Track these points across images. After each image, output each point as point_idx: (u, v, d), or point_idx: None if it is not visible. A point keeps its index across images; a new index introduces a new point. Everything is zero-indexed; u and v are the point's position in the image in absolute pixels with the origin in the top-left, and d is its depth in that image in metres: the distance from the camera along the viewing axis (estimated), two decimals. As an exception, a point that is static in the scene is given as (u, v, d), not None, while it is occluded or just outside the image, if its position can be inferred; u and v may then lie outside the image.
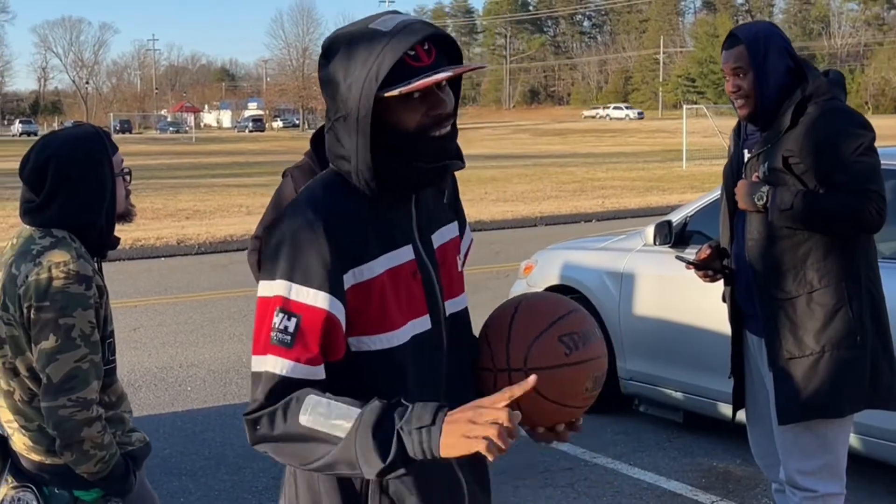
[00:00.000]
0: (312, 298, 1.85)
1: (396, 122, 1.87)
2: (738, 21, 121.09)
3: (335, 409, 1.80)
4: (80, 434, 2.70)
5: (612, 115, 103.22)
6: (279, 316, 1.86)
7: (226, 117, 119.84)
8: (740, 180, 3.68)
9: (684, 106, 42.63)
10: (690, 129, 36.80)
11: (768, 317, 3.65)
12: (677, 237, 5.96)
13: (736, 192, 3.67)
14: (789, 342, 3.60)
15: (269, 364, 1.86)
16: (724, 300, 3.97)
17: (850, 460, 3.78)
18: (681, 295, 5.87)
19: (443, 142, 1.90)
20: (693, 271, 3.92)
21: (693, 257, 3.94)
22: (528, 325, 1.93)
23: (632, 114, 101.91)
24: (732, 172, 3.87)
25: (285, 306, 1.86)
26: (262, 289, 1.91)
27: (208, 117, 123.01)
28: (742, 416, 4.05)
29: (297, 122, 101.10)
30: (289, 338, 1.84)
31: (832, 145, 3.51)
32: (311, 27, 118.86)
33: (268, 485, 5.47)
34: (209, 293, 11.51)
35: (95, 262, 2.87)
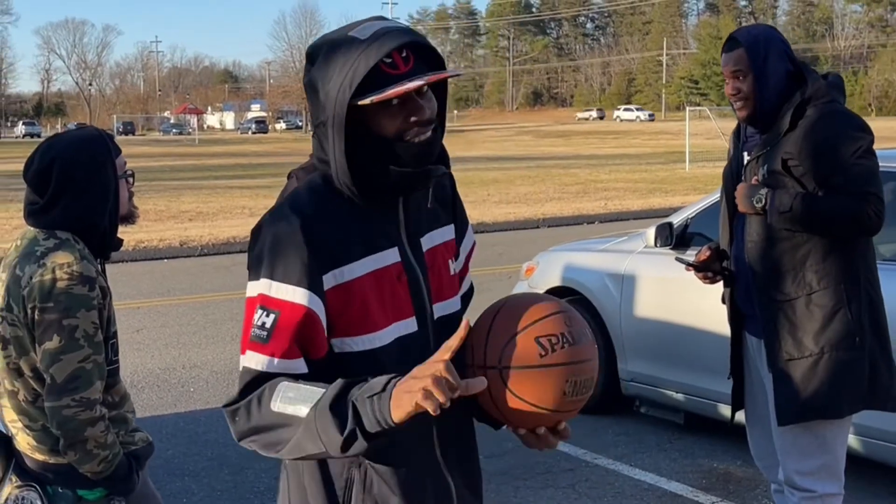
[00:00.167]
0: (291, 294, 1.88)
1: (377, 129, 1.89)
2: (741, 23, 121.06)
3: (303, 393, 1.83)
4: (84, 434, 2.72)
5: (623, 116, 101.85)
6: (258, 313, 1.90)
7: (229, 119, 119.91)
8: (740, 183, 3.70)
9: (687, 108, 42.62)
10: (693, 130, 36.80)
11: (768, 318, 3.67)
12: (678, 239, 5.98)
13: (735, 196, 3.69)
14: (788, 343, 3.62)
15: (246, 360, 1.90)
16: (723, 302, 3.99)
17: (850, 461, 3.80)
18: (682, 297, 5.88)
19: (423, 147, 1.91)
20: (693, 273, 3.95)
21: (693, 259, 3.96)
22: (507, 324, 1.92)
23: (642, 115, 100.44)
24: (732, 174, 3.89)
25: (264, 303, 1.90)
26: (248, 290, 1.95)
27: (211, 119, 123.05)
28: (741, 417, 4.07)
29: (301, 123, 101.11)
30: (265, 333, 1.88)
31: (831, 148, 3.53)
32: (314, 29, 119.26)
33: (270, 485, 5.49)
34: (212, 295, 11.54)
35: (99, 263, 2.90)
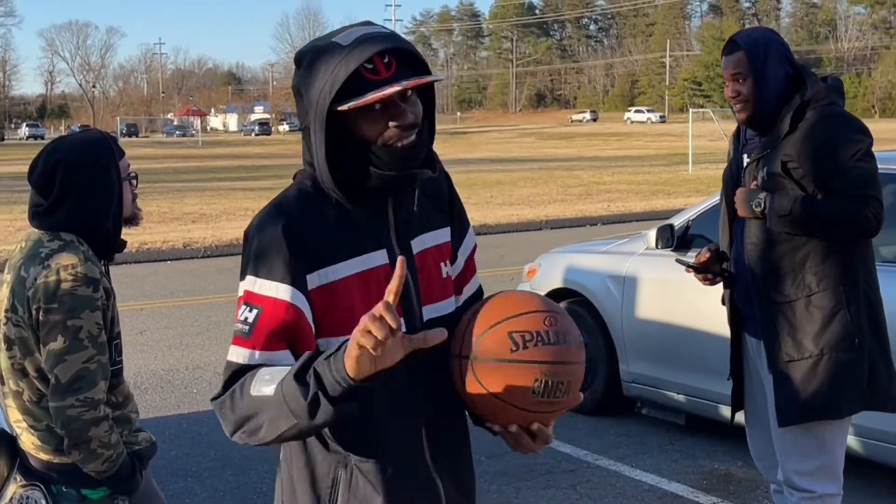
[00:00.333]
0: (274, 291, 1.92)
1: (360, 133, 1.93)
2: (744, 24, 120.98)
3: (276, 373, 1.86)
4: (88, 433, 2.75)
5: (633, 118, 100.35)
6: (242, 308, 1.94)
7: (232, 121, 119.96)
8: (738, 188, 3.71)
9: (690, 109, 42.57)
10: (696, 132, 36.81)
11: (767, 320, 3.69)
12: (679, 241, 6.00)
13: (735, 201, 3.71)
14: (788, 345, 3.64)
15: (230, 354, 1.95)
16: (723, 303, 4.01)
17: (849, 462, 3.81)
18: (683, 298, 5.90)
19: (406, 151, 1.94)
20: (693, 274, 3.97)
21: (693, 261, 3.98)
22: (486, 316, 1.94)
23: (654, 117, 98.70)
24: (732, 177, 3.91)
25: (248, 299, 1.94)
26: (239, 289, 1.99)
27: (214, 121, 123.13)
28: (741, 418, 4.09)
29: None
30: (247, 328, 1.92)
31: (830, 150, 3.55)
32: (317, 31, 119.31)
33: (272, 486, 5.48)
34: (215, 296, 11.56)
35: (102, 264, 2.93)
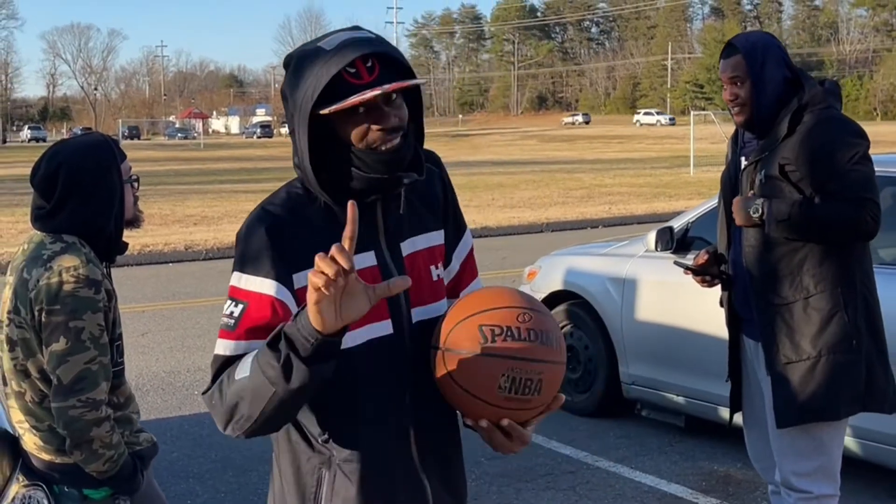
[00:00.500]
0: (259, 285, 1.94)
1: (344, 137, 1.95)
2: (746, 27, 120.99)
3: (255, 353, 1.88)
4: (90, 434, 2.77)
5: (643, 120, 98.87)
6: (228, 303, 1.97)
7: (234, 123, 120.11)
8: (735, 198, 3.73)
9: (692, 112, 42.58)
10: (698, 135, 36.83)
11: (765, 322, 3.71)
12: (679, 243, 6.01)
13: (732, 210, 3.72)
14: (786, 347, 3.66)
15: (216, 348, 1.97)
16: (721, 305, 4.03)
17: (850, 464, 3.83)
18: (682, 300, 5.92)
19: (390, 154, 1.96)
20: (691, 276, 3.99)
21: (691, 263, 4.00)
22: (462, 308, 1.95)
23: (663, 119, 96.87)
24: (730, 179, 3.93)
25: (234, 294, 1.96)
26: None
27: (216, 123, 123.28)
28: (739, 419, 4.11)
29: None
30: (232, 321, 1.94)
31: (828, 154, 3.57)
32: (319, 33, 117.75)
33: (273, 487, 5.53)
34: (217, 298, 11.57)
35: (104, 266, 2.95)
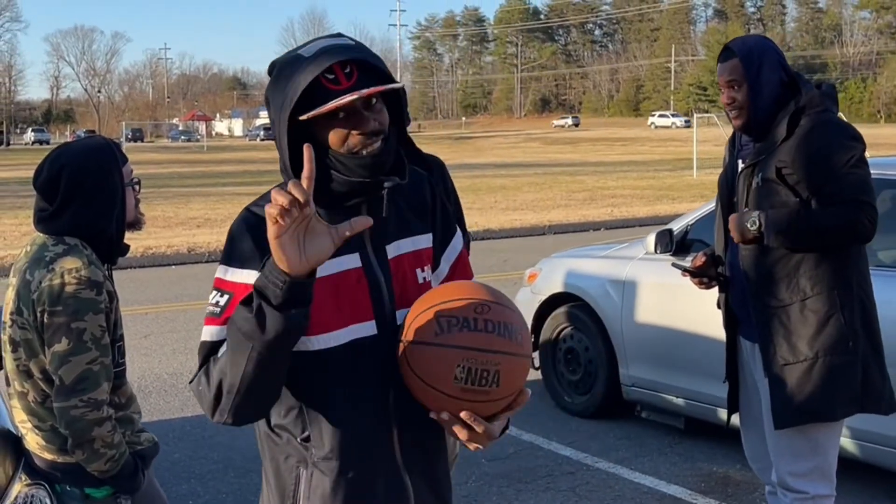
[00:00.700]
0: (244, 277, 1.98)
1: (326, 142, 1.99)
2: (749, 29, 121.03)
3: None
4: (91, 433, 2.81)
5: (658, 122, 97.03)
6: (214, 293, 2.01)
7: (237, 126, 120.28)
8: (731, 215, 3.75)
9: (695, 114, 42.56)
10: (701, 137, 36.82)
11: (763, 324, 3.74)
12: (678, 245, 6.03)
13: (730, 230, 3.74)
14: (783, 348, 3.69)
15: (202, 335, 2.00)
16: (718, 307, 4.06)
17: (848, 465, 3.84)
18: (682, 302, 5.94)
19: (373, 158, 2.00)
20: (689, 278, 4.02)
21: (689, 265, 4.03)
22: (424, 300, 1.98)
23: (678, 121, 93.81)
24: (727, 182, 3.96)
25: (220, 286, 2.00)
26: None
27: (220, 126, 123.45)
28: (737, 420, 4.14)
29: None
30: (218, 309, 1.98)
31: (824, 157, 3.60)
32: (322, 35, 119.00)
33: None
34: (219, 301, 11.58)
35: (106, 268, 2.99)
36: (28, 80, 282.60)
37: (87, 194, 2.95)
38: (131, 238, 3.15)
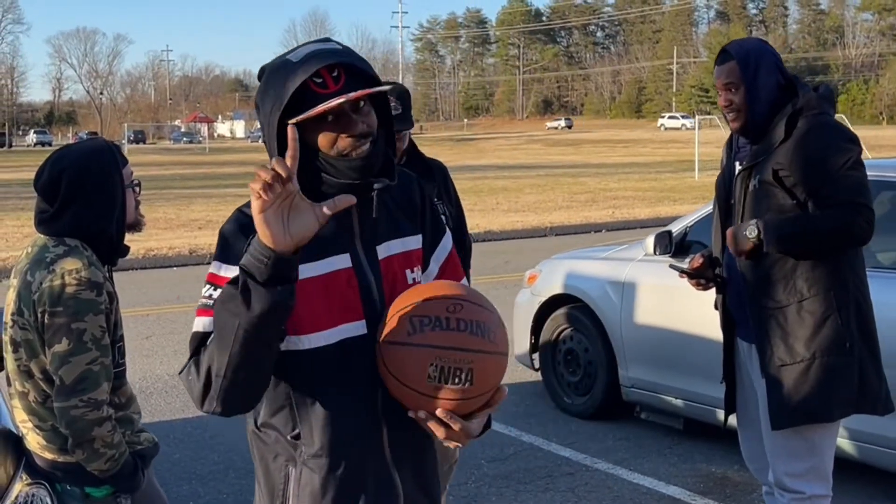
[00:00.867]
0: (236, 273, 1.97)
1: (315, 144, 2.02)
2: (752, 31, 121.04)
3: None
4: (91, 433, 2.83)
5: (667, 124, 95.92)
6: (206, 287, 2.03)
7: (239, 127, 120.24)
8: (728, 229, 3.77)
9: (697, 116, 42.53)
10: (703, 139, 36.81)
11: (760, 325, 3.75)
12: (677, 247, 6.04)
13: (727, 244, 3.75)
14: (780, 349, 3.71)
15: (194, 326, 2.02)
16: (715, 308, 4.08)
17: (846, 466, 3.85)
18: (681, 304, 5.96)
19: (362, 160, 2.03)
20: (686, 280, 4.04)
21: (686, 266, 4.05)
22: (399, 301, 2.01)
23: (688, 123, 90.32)
24: (725, 184, 3.98)
25: (213, 280, 2.02)
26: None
27: (222, 127, 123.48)
28: (734, 421, 4.16)
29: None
30: (211, 301, 1.98)
31: (821, 159, 3.61)
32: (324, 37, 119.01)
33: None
34: (221, 302, 11.60)
35: (106, 269, 3.01)
36: (30, 82, 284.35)
37: (87, 196, 2.97)
38: (132, 239, 3.17)
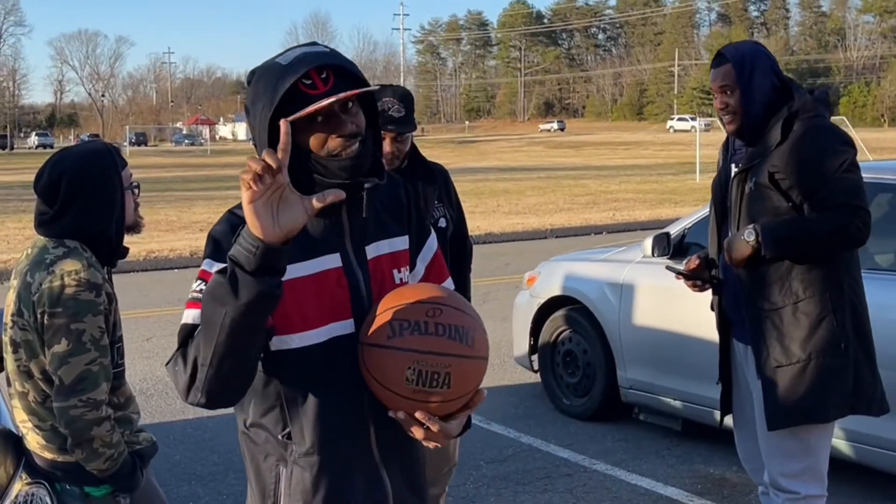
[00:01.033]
0: None
1: (306, 145, 2.05)
2: (753, 34, 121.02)
3: None
4: (90, 433, 2.86)
5: (676, 126, 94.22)
6: (197, 283, 2.05)
7: (241, 130, 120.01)
8: (726, 239, 3.79)
9: (698, 118, 42.53)
10: (704, 141, 36.80)
11: (756, 327, 3.77)
12: (675, 249, 6.06)
13: (725, 255, 3.77)
14: (776, 351, 3.72)
15: (183, 318, 2.05)
16: (712, 309, 4.10)
17: (843, 466, 3.86)
18: (679, 305, 5.97)
19: (352, 160, 2.06)
20: (682, 281, 4.06)
21: (682, 267, 4.07)
22: (382, 304, 2.04)
23: (698, 125, 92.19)
24: (721, 186, 4.01)
25: (203, 276, 2.04)
26: None
27: (223, 130, 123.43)
28: (729, 421, 4.18)
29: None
30: (200, 295, 1.99)
31: (817, 162, 3.63)
32: (325, 40, 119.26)
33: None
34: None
35: (105, 270, 3.03)
36: (32, 85, 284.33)
37: (87, 198, 3.00)
38: (133, 241, 3.20)
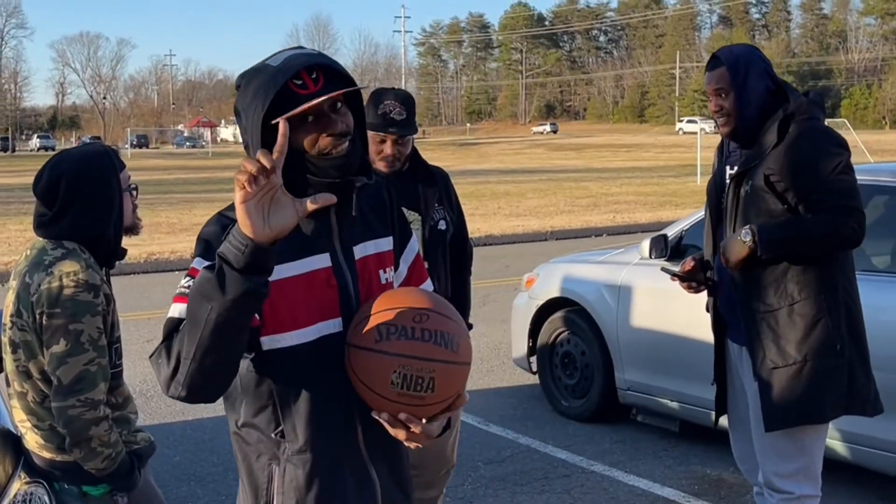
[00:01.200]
0: None
1: (298, 145, 2.07)
2: (754, 36, 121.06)
3: None
4: (88, 432, 2.88)
5: (686, 128, 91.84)
6: (185, 279, 2.06)
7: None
8: (722, 241, 3.81)
9: (699, 120, 42.51)
10: (706, 143, 36.78)
11: (751, 328, 3.79)
12: (673, 251, 6.09)
13: (722, 258, 3.79)
14: (772, 352, 3.75)
15: (169, 312, 2.05)
16: (707, 310, 4.12)
17: (840, 466, 3.87)
18: (676, 307, 6.00)
19: (340, 159, 2.09)
20: (678, 283, 4.09)
21: (678, 269, 4.09)
22: (370, 305, 2.08)
23: (707, 127, 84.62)
24: (716, 188, 4.04)
25: (192, 273, 2.05)
26: None
27: (225, 132, 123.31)
28: (724, 422, 4.20)
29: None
30: (187, 290, 1.99)
31: (813, 164, 3.65)
32: (326, 42, 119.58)
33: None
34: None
35: (103, 271, 3.06)
36: (33, 87, 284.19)
37: (85, 200, 3.03)
38: (134, 243, 3.23)
